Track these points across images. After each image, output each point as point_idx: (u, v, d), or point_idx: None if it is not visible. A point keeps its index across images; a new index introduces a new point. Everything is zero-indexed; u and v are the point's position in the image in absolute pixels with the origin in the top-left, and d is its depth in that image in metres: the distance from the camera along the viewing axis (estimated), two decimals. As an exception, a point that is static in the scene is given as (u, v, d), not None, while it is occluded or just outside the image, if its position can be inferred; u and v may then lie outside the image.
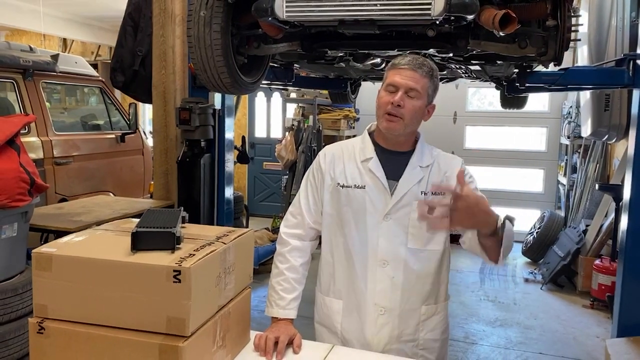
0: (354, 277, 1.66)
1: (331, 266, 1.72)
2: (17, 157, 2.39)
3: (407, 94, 1.58)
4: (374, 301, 1.64)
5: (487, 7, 2.00)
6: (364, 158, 1.67)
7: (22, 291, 2.45)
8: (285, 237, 1.73)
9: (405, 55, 1.63)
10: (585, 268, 4.77)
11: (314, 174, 1.74)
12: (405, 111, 1.58)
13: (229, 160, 3.58)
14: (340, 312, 1.69)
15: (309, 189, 1.73)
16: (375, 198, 1.63)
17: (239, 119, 7.63)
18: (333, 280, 1.71)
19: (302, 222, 1.72)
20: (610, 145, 5.37)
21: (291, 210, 1.76)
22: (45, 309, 1.25)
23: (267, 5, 2.11)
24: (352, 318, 1.68)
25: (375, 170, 1.65)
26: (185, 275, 1.17)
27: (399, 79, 1.58)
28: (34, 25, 6.84)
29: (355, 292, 1.66)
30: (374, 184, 1.64)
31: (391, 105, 1.58)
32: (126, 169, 5.01)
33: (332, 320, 1.71)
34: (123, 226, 1.49)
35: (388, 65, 1.66)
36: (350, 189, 1.66)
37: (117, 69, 3.76)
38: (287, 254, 1.70)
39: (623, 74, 2.82)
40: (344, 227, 1.67)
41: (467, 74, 3.65)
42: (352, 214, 1.65)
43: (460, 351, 3.74)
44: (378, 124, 1.67)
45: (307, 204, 1.73)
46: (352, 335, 1.68)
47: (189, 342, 1.19)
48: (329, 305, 1.72)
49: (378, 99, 1.64)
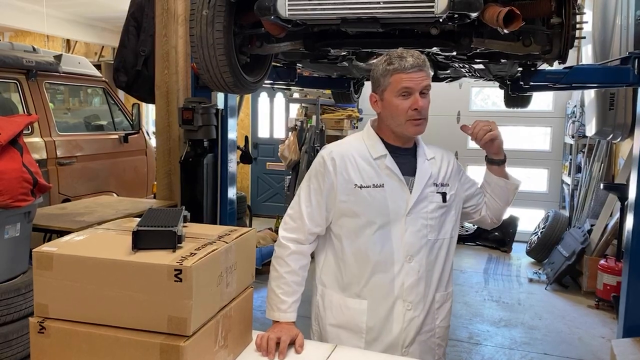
0: (379, 275, 1.64)
1: (351, 267, 1.67)
2: (19, 157, 2.39)
3: (421, 94, 1.59)
4: (402, 297, 1.64)
5: (491, 5, 1.99)
6: (377, 155, 1.65)
7: (25, 291, 2.44)
8: (285, 241, 1.68)
9: (402, 56, 1.58)
10: (590, 268, 4.74)
11: (318, 178, 1.67)
12: (424, 110, 1.61)
13: (231, 160, 3.57)
14: (365, 312, 1.66)
15: (312, 193, 1.67)
16: (396, 196, 1.63)
17: (242, 119, 7.62)
18: (356, 281, 1.67)
19: (302, 227, 1.67)
20: (615, 144, 5.34)
21: (290, 213, 1.71)
22: (46, 309, 1.25)
23: (269, 4, 2.10)
24: (378, 317, 1.66)
25: (393, 168, 1.64)
26: (186, 274, 1.16)
27: (413, 83, 1.58)
28: (37, 26, 6.86)
29: (381, 290, 1.65)
30: (392, 182, 1.64)
31: (415, 110, 1.58)
32: (129, 169, 5.02)
33: (357, 321, 1.67)
34: (124, 225, 1.48)
35: (387, 69, 1.60)
36: (369, 188, 1.62)
37: (120, 69, 3.77)
38: (286, 258, 1.66)
39: (628, 73, 2.80)
40: (366, 228, 1.64)
41: (471, 73, 3.63)
42: (375, 214, 1.63)
43: (464, 352, 3.72)
44: (399, 130, 1.64)
45: (309, 207, 1.67)
46: (377, 333, 1.66)
47: (190, 342, 1.18)
48: (351, 306, 1.68)
49: (393, 107, 1.60)
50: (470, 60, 2.86)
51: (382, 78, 1.62)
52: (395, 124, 1.63)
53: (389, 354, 1.62)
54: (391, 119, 1.63)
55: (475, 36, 2.28)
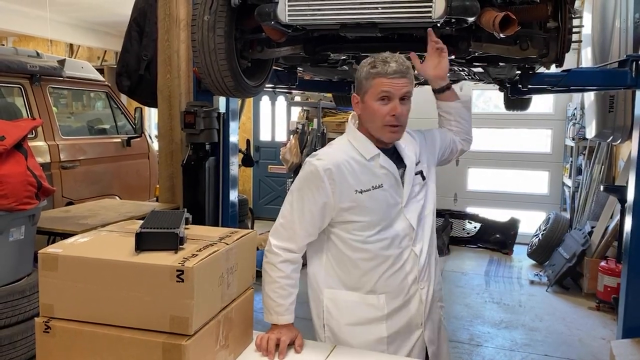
0: (390, 270, 1.67)
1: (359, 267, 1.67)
2: (24, 161, 2.42)
3: (401, 100, 1.61)
4: (416, 281, 1.70)
5: (488, 10, 2.01)
6: (370, 156, 1.66)
7: (30, 293, 2.47)
8: (276, 249, 1.64)
9: (386, 60, 1.60)
10: (591, 270, 4.75)
11: (312, 189, 1.62)
12: (403, 118, 1.63)
13: (233, 163, 3.60)
14: (384, 306, 1.68)
15: (306, 204, 1.62)
16: (394, 192, 1.67)
17: (244, 123, 7.66)
18: (367, 279, 1.67)
19: (293, 237, 1.65)
20: (615, 146, 5.35)
21: (281, 222, 1.67)
22: (51, 309, 1.28)
23: (269, 10, 2.13)
24: (397, 305, 1.69)
25: (388, 166, 1.67)
26: (188, 274, 1.19)
27: (394, 89, 1.59)
28: (41, 31, 6.91)
29: (394, 282, 1.68)
30: (389, 180, 1.67)
31: (393, 117, 1.60)
32: (132, 172, 5.05)
33: (377, 315, 1.69)
34: (127, 227, 1.51)
35: (370, 72, 1.61)
36: (370, 192, 1.63)
37: (123, 73, 3.80)
38: (278, 264, 1.64)
39: (626, 75, 2.81)
40: (371, 229, 1.65)
41: (470, 76, 3.66)
42: (379, 215, 1.65)
43: (465, 353, 3.74)
44: (376, 134, 1.66)
45: (301, 218, 1.63)
46: (397, 320, 1.70)
47: (192, 341, 1.21)
48: (370, 302, 1.68)
49: (372, 110, 1.62)
50: (469, 63, 2.89)
51: (364, 80, 1.63)
52: (372, 128, 1.65)
53: (386, 354, 1.65)
54: (370, 122, 1.65)
55: (473, 40, 2.31)
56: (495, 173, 6.88)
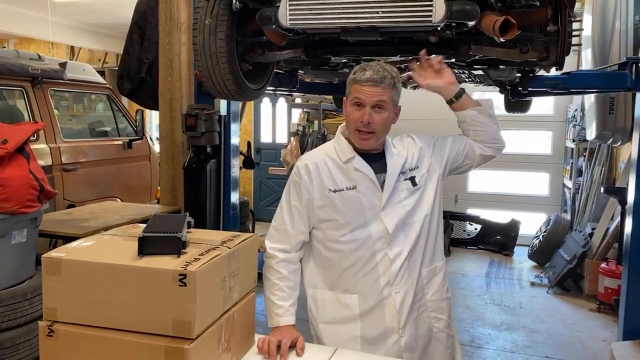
0: (363, 269, 1.70)
1: (335, 267, 1.73)
2: (26, 164, 2.43)
3: (374, 108, 1.63)
4: (389, 283, 1.69)
5: (488, 13, 2.02)
6: (345, 159, 1.71)
7: (32, 296, 2.48)
8: (272, 251, 1.73)
9: (365, 68, 1.64)
10: (592, 271, 4.75)
11: (296, 188, 1.73)
12: (375, 126, 1.64)
13: (234, 165, 3.61)
14: (356, 305, 1.71)
15: (292, 203, 1.73)
16: (370, 194, 1.69)
17: (245, 125, 7.67)
18: (342, 279, 1.73)
19: (286, 237, 1.74)
20: (615, 148, 5.36)
21: (274, 225, 1.77)
22: (54, 312, 1.28)
23: (270, 14, 2.14)
24: (370, 306, 1.71)
25: (362, 168, 1.70)
26: (190, 278, 1.20)
27: (364, 96, 1.62)
28: (42, 33, 6.94)
29: (368, 282, 1.70)
30: (365, 182, 1.69)
31: (361, 123, 1.63)
32: (133, 174, 5.06)
33: (350, 314, 1.72)
34: (130, 231, 1.52)
35: (351, 78, 1.66)
36: (342, 192, 1.69)
37: (124, 76, 3.81)
38: (275, 266, 1.72)
39: (626, 78, 2.81)
40: (344, 228, 1.70)
41: (471, 79, 3.66)
42: (351, 215, 1.69)
43: (466, 355, 3.74)
44: (350, 138, 1.71)
45: (290, 217, 1.73)
46: (372, 322, 1.71)
47: (194, 345, 1.22)
48: (342, 301, 1.73)
49: (347, 114, 1.69)
50: (470, 66, 2.90)
51: (348, 85, 1.69)
52: (348, 131, 1.71)
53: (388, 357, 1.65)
54: (347, 126, 1.72)
55: (473, 43, 2.32)
56: (495, 174, 6.87)
